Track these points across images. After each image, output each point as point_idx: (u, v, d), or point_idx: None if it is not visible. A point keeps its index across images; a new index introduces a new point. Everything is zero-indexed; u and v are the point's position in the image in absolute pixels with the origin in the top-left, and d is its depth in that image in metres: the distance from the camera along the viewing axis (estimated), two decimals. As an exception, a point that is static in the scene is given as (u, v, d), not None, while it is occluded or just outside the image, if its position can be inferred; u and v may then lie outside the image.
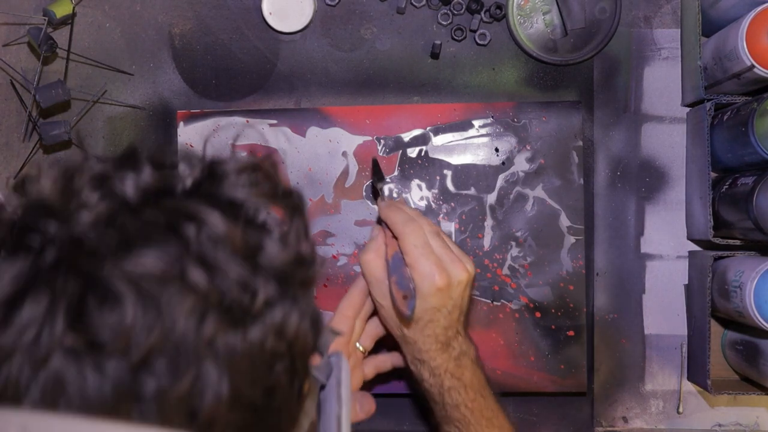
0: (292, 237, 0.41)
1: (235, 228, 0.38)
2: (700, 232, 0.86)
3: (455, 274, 0.70)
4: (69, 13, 0.86)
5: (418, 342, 0.72)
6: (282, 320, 0.38)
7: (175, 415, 0.35)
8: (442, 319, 0.71)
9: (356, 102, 0.90)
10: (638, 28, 0.90)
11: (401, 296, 0.69)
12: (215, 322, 0.36)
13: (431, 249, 0.71)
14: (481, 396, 0.72)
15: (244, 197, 0.40)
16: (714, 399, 0.90)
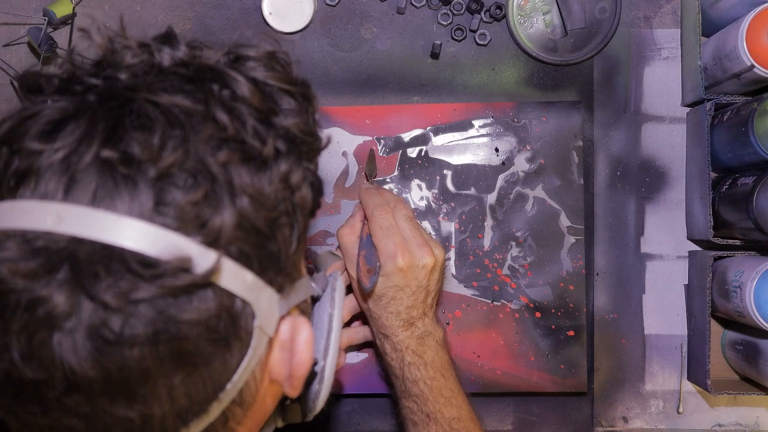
0: (302, 112, 0.48)
1: (255, 91, 0.45)
2: (700, 232, 0.86)
3: (419, 256, 0.74)
4: (69, 13, 0.86)
5: (382, 317, 0.75)
6: (287, 171, 0.45)
7: (189, 222, 0.41)
8: (405, 298, 0.74)
9: (356, 102, 0.90)
10: (638, 28, 0.90)
11: (366, 270, 0.73)
12: (229, 152, 0.42)
13: (398, 231, 0.75)
14: (442, 376, 0.74)
15: (263, 77, 0.47)
16: (714, 399, 0.90)
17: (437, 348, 0.75)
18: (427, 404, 0.73)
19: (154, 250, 0.40)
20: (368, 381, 0.89)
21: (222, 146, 0.43)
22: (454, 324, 0.88)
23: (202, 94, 0.44)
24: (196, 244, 0.41)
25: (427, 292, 0.75)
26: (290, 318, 0.48)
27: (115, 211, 0.40)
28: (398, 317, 0.74)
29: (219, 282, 0.42)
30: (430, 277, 0.75)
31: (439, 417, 0.73)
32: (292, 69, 0.49)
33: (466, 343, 0.88)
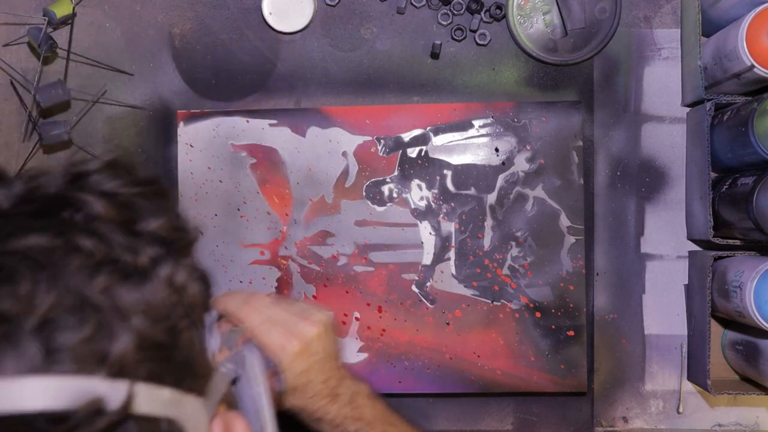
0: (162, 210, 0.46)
1: (109, 205, 0.43)
2: (700, 232, 0.86)
3: (306, 333, 0.71)
4: (69, 13, 0.86)
5: (307, 406, 0.72)
6: (169, 275, 0.43)
7: (87, 361, 0.39)
8: (316, 375, 0.72)
9: (356, 102, 0.90)
10: (638, 28, 0.90)
11: (269, 374, 0.69)
12: (107, 276, 0.41)
13: (274, 321, 0.72)
14: (390, 425, 0.73)
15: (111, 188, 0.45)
16: (714, 399, 0.90)
17: (371, 403, 0.73)
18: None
19: (59, 402, 0.37)
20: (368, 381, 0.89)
21: (96, 273, 0.41)
22: (454, 324, 0.88)
23: (55, 226, 0.42)
24: (101, 380, 0.39)
25: (333, 356, 0.73)
26: (219, 417, 0.47)
27: (4, 374, 0.38)
28: (320, 396, 0.72)
29: (137, 410, 0.40)
30: (326, 343, 0.72)
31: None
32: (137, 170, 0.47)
33: (466, 343, 0.88)
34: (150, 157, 0.91)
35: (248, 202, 0.89)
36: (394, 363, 0.89)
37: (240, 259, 0.89)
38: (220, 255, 0.89)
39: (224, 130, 0.89)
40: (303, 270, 0.89)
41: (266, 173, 0.89)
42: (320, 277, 0.89)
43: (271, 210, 0.89)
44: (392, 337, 0.89)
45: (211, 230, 0.89)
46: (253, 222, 0.89)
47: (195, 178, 0.89)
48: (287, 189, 0.89)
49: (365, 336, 0.89)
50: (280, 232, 0.89)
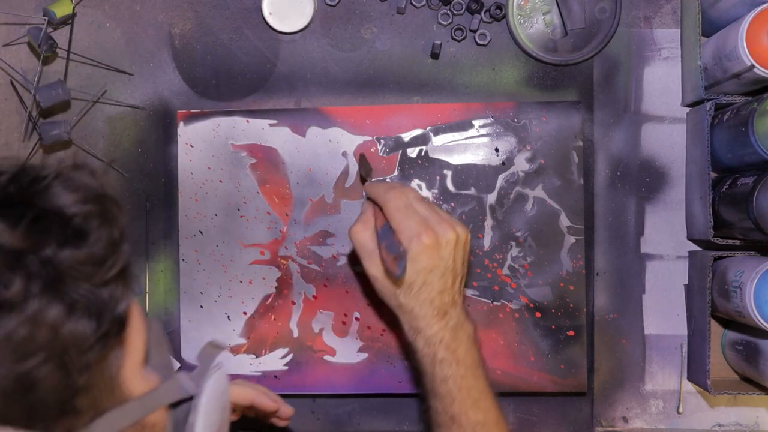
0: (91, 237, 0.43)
1: (14, 231, 0.41)
2: (700, 232, 0.86)
3: (442, 233, 0.70)
4: (69, 13, 0.86)
5: (414, 308, 0.71)
6: (40, 310, 0.40)
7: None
8: (436, 281, 0.70)
9: (356, 102, 0.90)
10: (638, 28, 0.90)
11: (391, 259, 0.69)
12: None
13: (415, 210, 0.71)
14: (472, 375, 0.71)
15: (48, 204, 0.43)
16: (714, 399, 0.90)
17: (469, 344, 0.72)
18: (453, 405, 0.70)
19: None
20: (368, 381, 0.89)
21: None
22: (454, 324, 0.88)
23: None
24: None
25: (455, 275, 0.72)
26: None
27: None
28: (431, 305, 0.71)
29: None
30: (455, 255, 0.71)
31: (464, 421, 0.70)
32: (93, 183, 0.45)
33: (466, 343, 0.88)
34: (150, 157, 0.91)
35: (248, 202, 0.89)
36: (394, 363, 0.89)
37: (240, 259, 0.89)
38: (220, 255, 0.89)
39: (224, 130, 0.89)
40: (303, 270, 0.89)
41: (266, 173, 0.89)
42: (320, 277, 0.89)
43: (271, 210, 0.89)
44: (392, 337, 0.89)
45: (211, 230, 0.89)
46: (253, 222, 0.89)
47: (195, 178, 0.89)
48: (287, 189, 0.89)
49: (365, 336, 0.89)
50: (280, 232, 0.89)
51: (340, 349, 0.89)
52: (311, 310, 0.89)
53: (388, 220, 0.72)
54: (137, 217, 0.91)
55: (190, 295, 0.90)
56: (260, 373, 0.89)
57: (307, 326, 0.89)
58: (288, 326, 0.89)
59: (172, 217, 0.90)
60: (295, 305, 0.89)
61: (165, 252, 0.91)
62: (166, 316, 0.90)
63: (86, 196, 0.44)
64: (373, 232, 0.73)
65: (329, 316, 0.89)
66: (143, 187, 0.91)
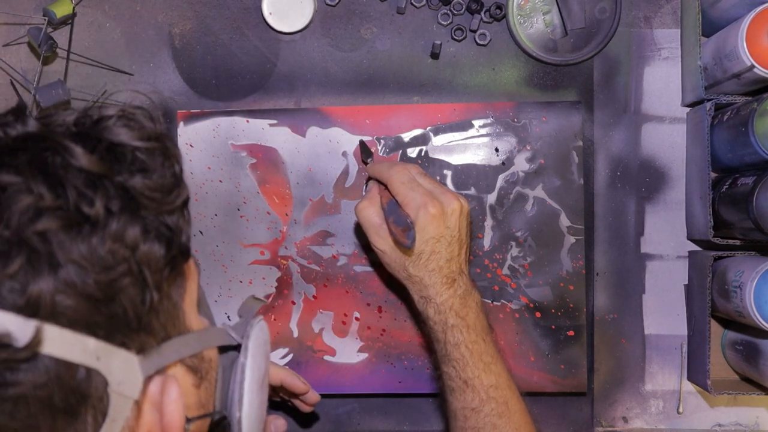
0: (154, 169, 0.47)
1: (91, 155, 0.45)
2: (700, 232, 0.86)
3: (447, 202, 0.74)
4: (69, 13, 0.86)
5: (424, 278, 0.74)
6: (120, 230, 0.44)
7: (4, 296, 0.40)
8: (443, 250, 0.74)
9: (356, 102, 0.90)
10: (638, 28, 0.90)
11: (400, 231, 0.72)
12: (48, 220, 0.42)
13: (419, 183, 0.75)
14: (482, 340, 0.74)
15: (112, 138, 0.47)
16: (714, 399, 0.90)
17: (477, 310, 0.75)
18: (466, 370, 0.73)
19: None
20: (368, 381, 0.89)
21: (38, 216, 0.42)
22: (454, 324, 0.88)
23: (24, 165, 0.44)
24: (13, 316, 0.40)
25: (461, 244, 0.75)
26: (160, 377, 0.48)
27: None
28: (440, 273, 0.74)
29: (49, 352, 0.41)
30: (460, 224, 0.75)
31: (477, 384, 0.73)
32: (152, 124, 0.49)
33: (466, 343, 0.88)
34: (150, 157, 0.91)
35: (248, 202, 0.89)
36: (394, 363, 0.89)
37: (240, 259, 0.89)
38: (220, 255, 0.89)
39: (224, 130, 0.89)
40: (303, 270, 0.89)
41: (266, 173, 0.89)
42: (320, 277, 0.89)
43: (271, 210, 0.89)
44: (392, 337, 0.89)
45: (211, 230, 0.89)
46: (253, 222, 0.89)
47: (195, 178, 0.89)
48: (287, 189, 0.89)
49: (365, 336, 0.89)
50: (280, 232, 0.89)
51: (340, 349, 0.89)
52: (311, 310, 0.89)
53: (393, 195, 0.75)
54: (137, 217, 0.91)
55: (190, 295, 0.89)
56: (260, 373, 0.89)
57: (307, 326, 0.89)
58: (288, 326, 0.89)
59: (172, 217, 0.90)
60: (295, 305, 0.89)
61: (165, 252, 0.91)
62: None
63: (149, 134, 0.48)
64: (378, 208, 0.76)
65: (329, 316, 0.89)
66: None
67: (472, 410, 0.73)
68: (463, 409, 0.74)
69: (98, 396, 0.43)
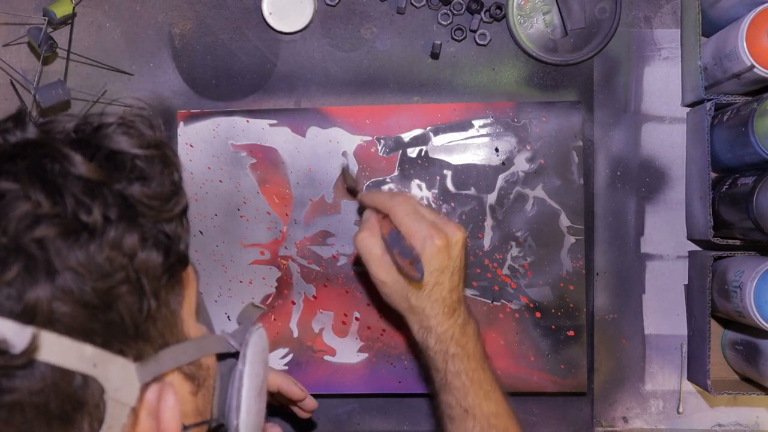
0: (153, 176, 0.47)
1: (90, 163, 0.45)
2: (700, 232, 0.86)
3: (451, 233, 0.74)
4: (69, 13, 0.86)
5: (426, 308, 0.74)
6: (118, 238, 0.44)
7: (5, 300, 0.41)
8: (447, 281, 0.74)
9: (356, 102, 0.90)
10: (638, 28, 0.90)
11: (408, 263, 0.71)
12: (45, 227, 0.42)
13: (422, 215, 0.75)
14: (482, 368, 0.74)
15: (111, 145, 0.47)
16: (714, 399, 0.90)
17: (476, 338, 0.75)
18: (467, 398, 0.73)
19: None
20: (368, 381, 0.89)
21: (36, 223, 0.42)
22: (454, 324, 0.88)
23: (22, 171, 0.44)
24: (10, 322, 0.40)
25: (460, 275, 0.75)
26: (157, 385, 0.48)
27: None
28: (443, 303, 0.73)
29: (45, 359, 0.41)
30: (461, 255, 0.75)
31: (478, 412, 0.72)
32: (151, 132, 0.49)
33: (466, 343, 0.88)
34: (150, 157, 0.91)
35: (248, 202, 0.89)
36: (394, 363, 0.89)
37: (240, 259, 0.89)
38: (220, 255, 0.89)
39: (224, 130, 0.89)
40: (303, 270, 0.89)
41: (266, 173, 0.89)
42: (320, 277, 0.89)
43: (271, 210, 0.89)
44: (392, 337, 0.89)
45: (211, 230, 0.89)
46: (253, 222, 0.89)
47: (195, 178, 0.89)
48: (287, 189, 0.89)
49: (365, 336, 0.89)
50: (280, 232, 0.89)
51: (340, 349, 0.89)
52: (311, 310, 0.89)
53: (397, 226, 0.74)
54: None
55: (190, 295, 0.89)
56: (260, 373, 0.89)
57: (307, 326, 0.89)
58: (288, 326, 0.89)
59: (172, 217, 0.90)
60: (295, 305, 0.89)
61: (165, 252, 0.91)
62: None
63: (148, 142, 0.48)
64: (379, 238, 0.75)
65: (329, 316, 0.89)
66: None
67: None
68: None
69: (95, 403, 0.43)
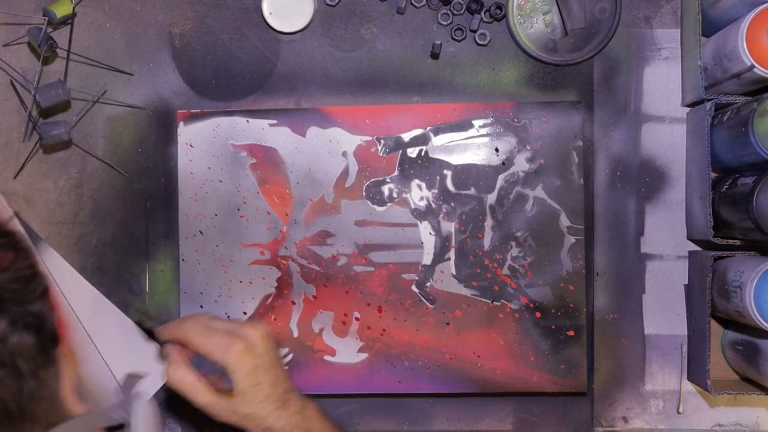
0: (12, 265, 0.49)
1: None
2: (700, 232, 0.86)
3: (247, 334, 0.72)
4: (69, 13, 0.86)
5: (257, 411, 0.72)
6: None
7: None
8: (264, 378, 0.72)
9: (356, 102, 0.90)
10: (638, 28, 0.90)
11: (216, 378, 0.70)
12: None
13: (213, 328, 0.73)
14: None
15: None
16: (714, 399, 0.90)
17: (320, 418, 0.74)
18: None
19: None
20: (368, 381, 0.89)
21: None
22: (454, 324, 0.88)
23: None
24: None
25: (277, 365, 0.74)
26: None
27: None
28: (269, 399, 0.72)
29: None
30: (269, 348, 0.73)
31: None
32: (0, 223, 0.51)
33: (466, 343, 0.88)
34: (150, 157, 0.91)
35: (248, 202, 0.89)
36: (394, 363, 0.89)
37: (240, 259, 0.89)
38: (220, 255, 0.89)
39: (224, 130, 0.89)
40: (303, 270, 0.89)
41: (266, 173, 0.89)
42: (320, 277, 0.89)
43: (271, 210, 0.89)
44: (392, 337, 0.89)
45: (211, 230, 0.89)
46: (253, 222, 0.89)
47: (195, 178, 0.89)
48: (287, 189, 0.89)
49: (365, 336, 0.89)
50: (280, 232, 0.89)
51: (340, 349, 0.89)
52: (311, 310, 0.89)
53: (195, 349, 0.72)
54: (137, 217, 0.91)
55: (190, 295, 0.90)
56: (260, 373, 0.89)
57: (307, 326, 0.89)
58: (288, 326, 0.89)
59: (172, 217, 0.90)
60: (295, 305, 0.89)
61: (165, 252, 0.91)
62: (165, 316, 0.90)
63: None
64: (186, 367, 0.73)
65: (329, 316, 0.89)
66: (143, 187, 0.91)
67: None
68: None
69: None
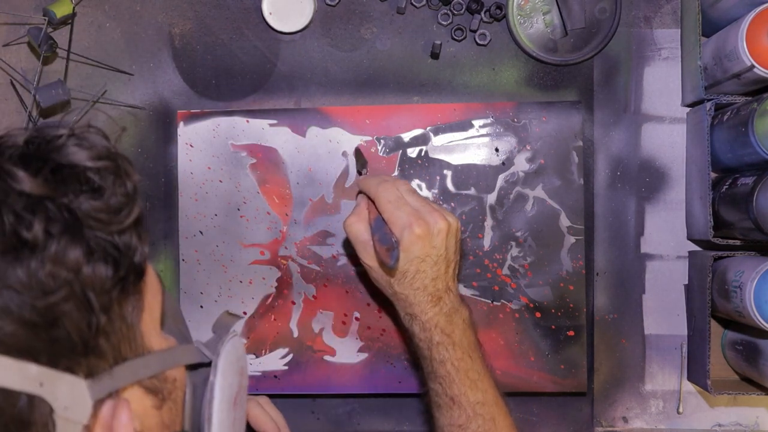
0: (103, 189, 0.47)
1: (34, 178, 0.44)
2: (700, 232, 0.86)
3: (433, 222, 0.73)
4: (69, 13, 0.86)
5: (409, 296, 0.74)
6: (60, 252, 0.43)
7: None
8: (429, 269, 0.73)
9: (356, 102, 0.90)
10: (638, 28, 0.90)
11: (384, 250, 0.71)
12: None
13: (406, 202, 0.74)
14: (469, 357, 0.73)
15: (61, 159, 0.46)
16: (714, 399, 0.90)
17: (464, 327, 0.74)
18: (453, 387, 0.73)
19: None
20: (368, 381, 0.89)
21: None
22: (454, 324, 0.88)
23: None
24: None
25: (447, 262, 0.74)
26: (112, 401, 0.47)
27: None
28: (425, 291, 0.73)
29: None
30: (447, 243, 0.73)
31: (464, 400, 0.72)
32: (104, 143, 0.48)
33: (466, 343, 0.88)
34: (150, 157, 0.91)
35: (248, 202, 0.89)
36: (394, 363, 0.89)
37: (240, 259, 0.89)
38: (220, 255, 0.89)
39: (224, 130, 0.89)
40: (303, 270, 0.89)
41: (266, 173, 0.89)
42: (320, 277, 0.89)
43: (271, 210, 0.89)
44: (392, 337, 0.89)
45: (211, 230, 0.89)
46: (253, 222, 0.89)
47: (195, 178, 0.89)
48: (287, 189, 0.89)
49: (365, 336, 0.89)
50: (280, 232, 0.89)
51: (340, 349, 0.89)
52: (311, 310, 0.89)
53: (380, 212, 0.74)
54: (137, 217, 0.91)
55: (190, 295, 0.90)
56: (260, 373, 0.89)
57: (307, 326, 0.89)
58: (288, 326, 0.89)
59: (172, 217, 0.90)
60: (295, 305, 0.89)
61: (165, 252, 0.91)
62: (166, 316, 0.90)
63: (100, 154, 0.47)
64: (366, 224, 0.76)
65: (329, 316, 0.89)
66: (143, 187, 0.91)
67: (458, 427, 0.73)
68: (449, 426, 0.73)
69: (43, 422, 0.42)
